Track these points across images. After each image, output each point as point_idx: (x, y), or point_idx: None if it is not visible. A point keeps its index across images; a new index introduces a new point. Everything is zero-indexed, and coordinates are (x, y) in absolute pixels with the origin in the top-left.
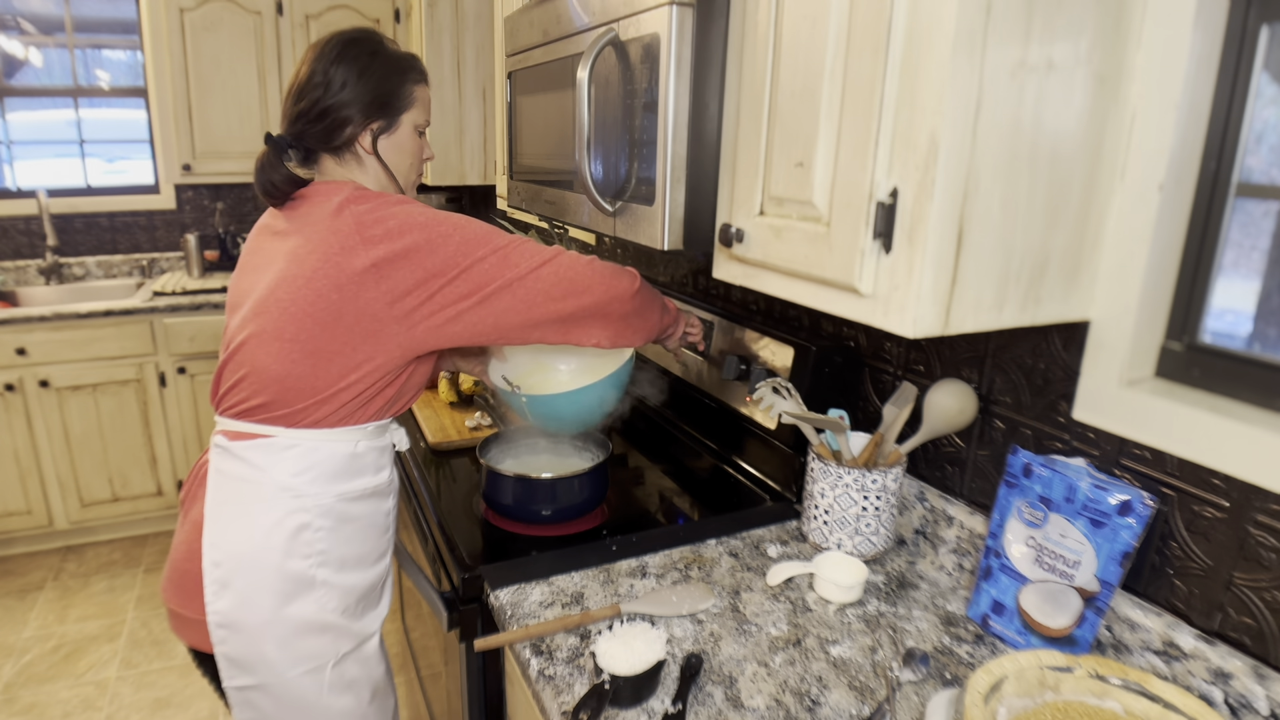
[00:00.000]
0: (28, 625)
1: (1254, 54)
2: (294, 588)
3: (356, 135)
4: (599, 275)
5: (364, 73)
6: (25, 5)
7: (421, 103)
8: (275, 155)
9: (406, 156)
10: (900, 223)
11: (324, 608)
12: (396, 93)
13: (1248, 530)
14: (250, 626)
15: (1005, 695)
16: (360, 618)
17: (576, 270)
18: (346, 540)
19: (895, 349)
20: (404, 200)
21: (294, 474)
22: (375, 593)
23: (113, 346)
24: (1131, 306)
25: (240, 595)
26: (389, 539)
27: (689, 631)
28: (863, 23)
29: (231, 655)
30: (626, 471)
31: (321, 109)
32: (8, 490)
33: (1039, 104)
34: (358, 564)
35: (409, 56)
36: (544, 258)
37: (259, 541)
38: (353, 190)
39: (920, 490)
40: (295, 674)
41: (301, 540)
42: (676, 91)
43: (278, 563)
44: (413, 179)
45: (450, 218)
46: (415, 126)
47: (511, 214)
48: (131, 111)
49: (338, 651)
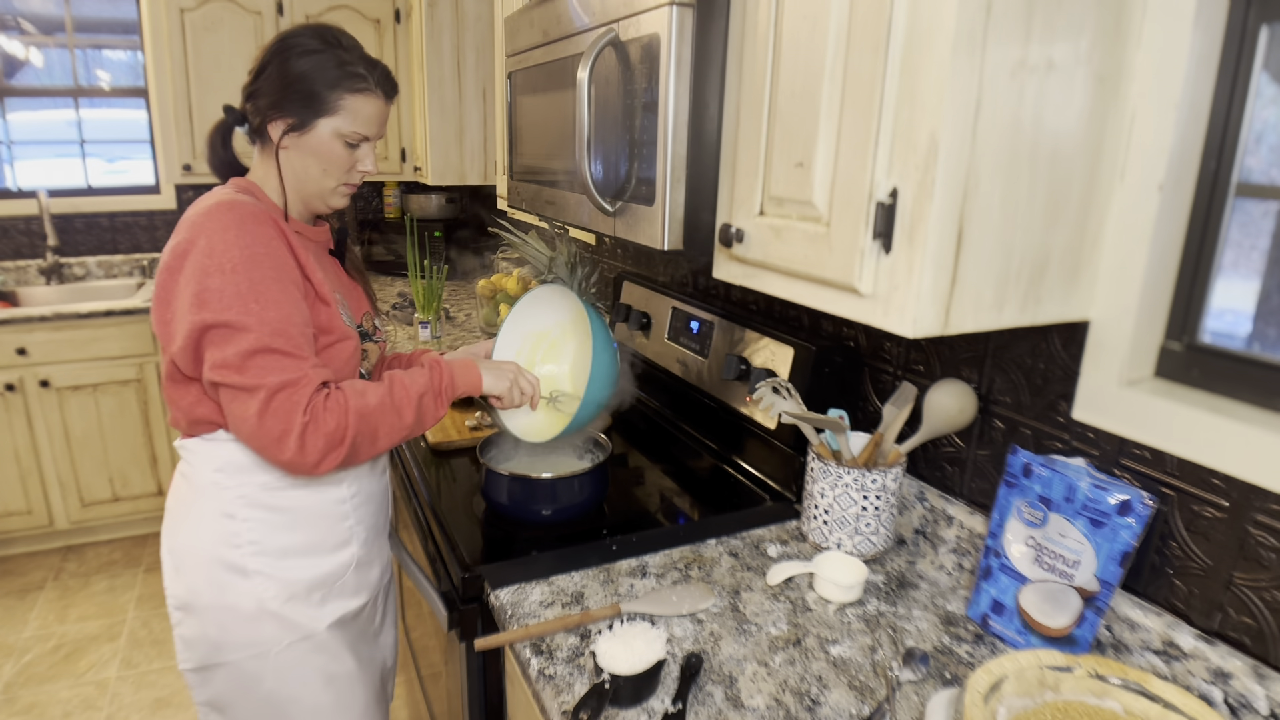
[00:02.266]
0: (28, 625)
1: (1254, 54)
2: (229, 577)
3: (265, 124)
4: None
5: (291, 63)
6: (25, 5)
7: (353, 113)
8: (221, 130)
9: (318, 163)
10: (900, 223)
11: (262, 597)
12: (318, 93)
13: (1247, 530)
14: (197, 610)
15: (1005, 695)
16: (317, 607)
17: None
18: (283, 529)
19: (895, 349)
20: (230, 270)
21: (215, 468)
22: (340, 582)
23: (113, 346)
24: (1131, 306)
25: (187, 582)
26: (352, 528)
27: (689, 631)
28: (863, 23)
29: (185, 636)
30: (626, 471)
31: (250, 90)
32: (8, 490)
33: (1039, 104)
34: (304, 553)
35: (360, 63)
36: (271, 387)
37: (196, 533)
38: (213, 214)
39: (920, 490)
40: (239, 658)
41: (229, 531)
42: (676, 91)
43: (211, 553)
44: (327, 187)
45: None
46: (339, 134)
47: (512, 214)
48: (132, 111)
49: (281, 640)
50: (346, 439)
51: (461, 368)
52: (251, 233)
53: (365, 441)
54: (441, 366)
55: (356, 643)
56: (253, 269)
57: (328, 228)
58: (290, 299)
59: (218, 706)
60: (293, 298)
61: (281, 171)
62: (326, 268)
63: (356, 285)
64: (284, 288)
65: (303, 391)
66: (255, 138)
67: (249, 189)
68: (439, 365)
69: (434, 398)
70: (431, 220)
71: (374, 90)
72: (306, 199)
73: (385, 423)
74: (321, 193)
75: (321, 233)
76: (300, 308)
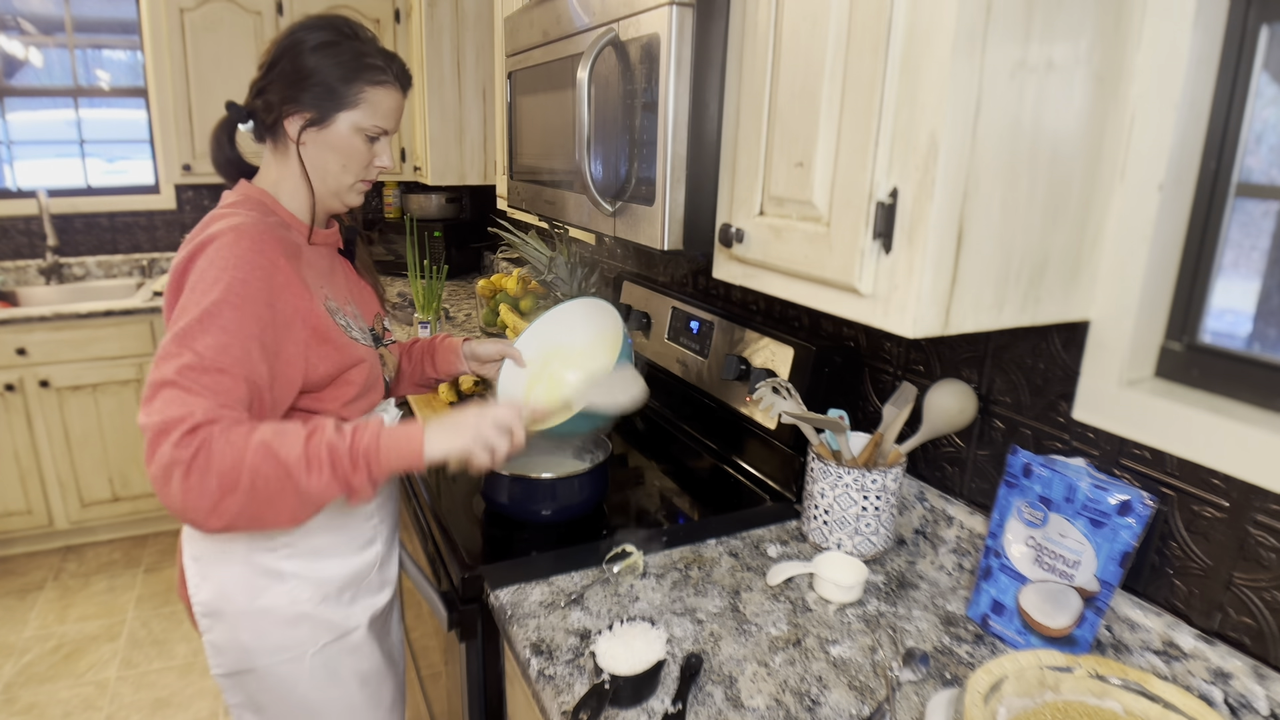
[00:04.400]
0: (28, 625)
1: (1254, 54)
2: (264, 580)
3: (282, 119)
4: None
5: (308, 54)
6: (25, 5)
7: (372, 105)
8: (226, 127)
9: (337, 158)
10: (900, 223)
11: (297, 599)
12: (337, 85)
13: (1247, 530)
14: (228, 615)
15: (1005, 695)
16: (348, 605)
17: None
18: (314, 531)
19: (895, 349)
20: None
21: None
22: (366, 580)
23: (113, 346)
24: (1131, 306)
25: (217, 587)
26: (376, 526)
27: (689, 631)
28: (863, 22)
29: (215, 643)
30: (626, 471)
31: (262, 85)
32: (8, 490)
33: (1039, 104)
34: (334, 553)
35: (378, 55)
36: (155, 427)
37: (225, 538)
38: (218, 240)
39: (920, 490)
40: (273, 662)
41: (262, 535)
42: (676, 91)
43: (244, 556)
44: (345, 184)
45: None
46: (358, 129)
47: (512, 214)
48: (131, 111)
49: (317, 641)
50: (240, 480)
51: (399, 436)
52: (240, 258)
53: (265, 494)
54: (364, 432)
55: (382, 639)
56: (218, 291)
57: (337, 227)
58: (243, 332)
59: (253, 708)
60: (246, 332)
61: (306, 168)
62: (337, 271)
63: (366, 285)
64: (241, 319)
65: (176, 431)
66: (266, 134)
67: (261, 200)
68: (363, 429)
69: (349, 458)
70: (431, 220)
71: (393, 82)
72: (322, 197)
73: (293, 475)
74: (339, 190)
75: (333, 234)
76: (248, 344)
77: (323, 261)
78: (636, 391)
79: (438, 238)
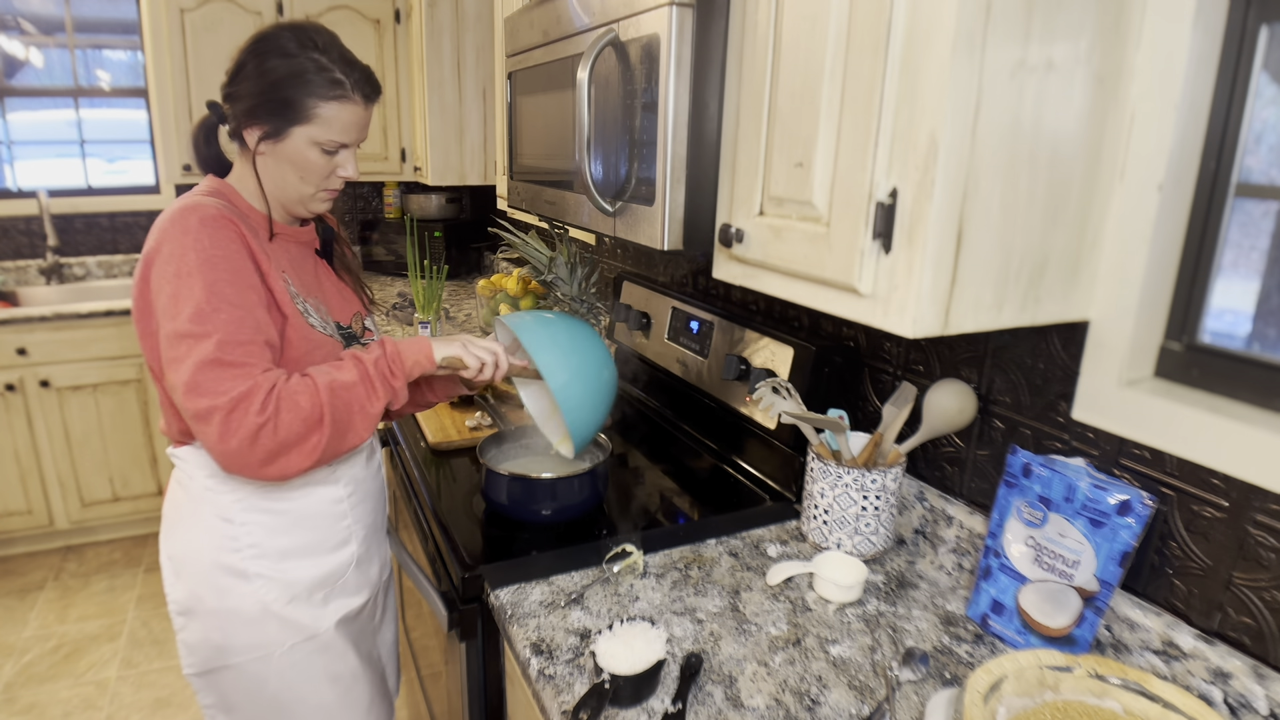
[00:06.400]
0: (28, 625)
1: (1254, 54)
2: (231, 581)
3: (240, 130)
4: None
5: (264, 69)
6: (25, 5)
7: (327, 121)
8: (204, 127)
9: (294, 170)
10: (900, 223)
11: (264, 599)
12: (290, 101)
13: (1247, 530)
14: (199, 614)
15: (1005, 695)
16: (320, 606)
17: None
18: (282, 531)
19: (895, 349)
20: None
21: (209, 474)
22: (341, 581)
23: (113, 346)
24: (1131, 306)
25: (188, 587)
26: (350, 526)
27: (689, 631)
28: (862, 23)
29: (188, 641)
30: (626, 471)
31: (225, 93)
32: (8, 490)
33: (1038, 104)
34: (304, 554)
35: (338, 67)
36: (224, 408)
37: (194, 538)
38: (174, 219)
39: (920, 490)
40: (242, 661)
41: (228, 535)
42: (676, 91)
43: (211, 557)
44: (306, 193)
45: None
46: (314, 143)
47: (512, 214)
48: (132, 111)
49: (285, 641)
50: (324, 418)
51: (411, 345)
52: (210, 235)
53: (342, 418)
54: (386, 344)
55: (359, 640)
56: (208, 271)
57: (313, 227)
58: (246, 302)
59: (224, 708)
60: (249, 301)
61: (260, 178)
62: (308, 266)
63: (347, 286)
64: (240, 291)
65: (255, 399)
66: (234, 139)
67: (221, 191)
68: (384, 342)
69: (385, 368)
70: (431, 220)
71: (350, 96)
72: (286, 204)
73: (356, 397)
74: (301, 199)
75: (307, 233)
76: (255, 311)
77: (289, 254)
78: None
79: (438, 238)
